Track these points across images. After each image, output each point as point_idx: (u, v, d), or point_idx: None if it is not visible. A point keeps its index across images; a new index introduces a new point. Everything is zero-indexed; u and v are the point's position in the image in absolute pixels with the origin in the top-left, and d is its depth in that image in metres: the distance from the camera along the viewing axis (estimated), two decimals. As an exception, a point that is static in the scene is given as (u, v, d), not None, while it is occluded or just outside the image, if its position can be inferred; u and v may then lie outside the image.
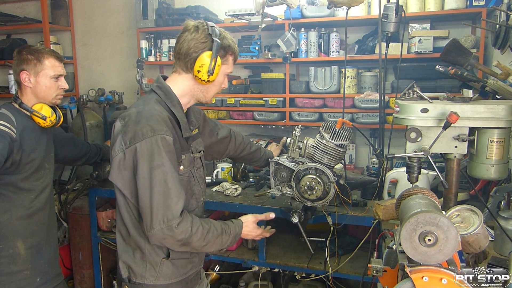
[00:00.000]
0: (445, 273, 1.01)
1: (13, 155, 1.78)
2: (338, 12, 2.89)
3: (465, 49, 2.13)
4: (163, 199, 1.33)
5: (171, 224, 1.33)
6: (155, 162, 1.32)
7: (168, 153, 1.34)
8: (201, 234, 1.40)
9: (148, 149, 1.32)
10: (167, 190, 1.33)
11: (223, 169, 2.99)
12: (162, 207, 1.32)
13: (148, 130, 1.32)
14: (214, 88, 1.53)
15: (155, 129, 1.33)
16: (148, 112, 1.37)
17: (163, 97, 1.46)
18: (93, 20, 3.87)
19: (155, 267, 1.48)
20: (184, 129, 1.47)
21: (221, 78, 1.52)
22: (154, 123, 1.34)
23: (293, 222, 2.10)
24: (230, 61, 1.53)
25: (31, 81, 1.89)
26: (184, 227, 1.36)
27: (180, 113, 1.47)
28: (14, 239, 1.88)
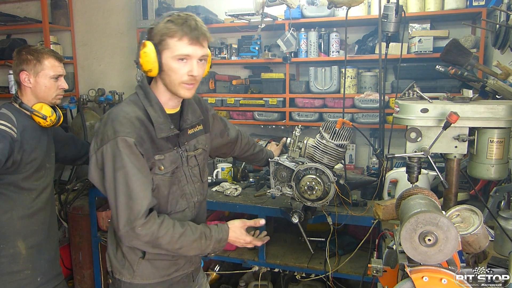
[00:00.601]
0: (445, 273, 1.01)
1: (14, 155, 1.78)
2: (338, 12, 2.89)
3: (465, 49, 2.13)
4: (126, 200, 1.32)
5: (134, 225, 1.31)
6: (117, 164, 1.32)
7: (130, 155, 1.32)
8: (171, 237, 1.37)
9: (110, 151, 1.33)
10: (129, 191, 1.32)
11: (223, 169, 2.99)
12: (125, 209, 1.32)
13: (111, 132, 1.33)
14: (171, 77, 1.38)
15: (117, 130, 1.32)
16: (115, 114, 1.37)
17: (141, 97, 1.43)
18: (93, 20, 3.87)
19: (132, 265, 1.48)
20: (158, 129, 1.41)
21: (172, 64, 1.36)
22: (117, 124, 1.34)
23: (293, 222, 2.10)
24: (171, 44, 1.34)
25: (30, 81, 1.89)
26: (149, 229, 1.33)
27: (156, 113, 1.42)
28: (15, 238, 1.88)
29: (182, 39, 1.34)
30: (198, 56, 1.38)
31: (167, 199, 1.49)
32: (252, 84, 3.27)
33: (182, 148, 1.52)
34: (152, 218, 1.35)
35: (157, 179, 1.44)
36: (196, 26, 1.36)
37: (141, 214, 1.32)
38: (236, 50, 3.24)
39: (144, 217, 1.33)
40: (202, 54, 1.39)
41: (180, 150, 1.52)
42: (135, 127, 1.36)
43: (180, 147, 1.52)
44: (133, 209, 1.32)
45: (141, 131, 1.37)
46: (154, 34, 1.36)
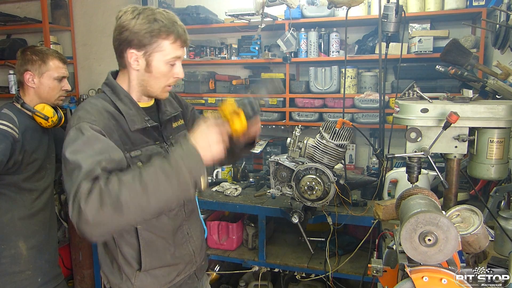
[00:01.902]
0: (445, 273, 1.01)
1: (15, 155, 1.78)
2: (338, 12, 2.89)
3: (465, 49, 2.13)
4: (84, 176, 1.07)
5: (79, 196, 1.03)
6: (77, 147, 1.14)
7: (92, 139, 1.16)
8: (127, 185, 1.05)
9: (72, 136, 1.18)
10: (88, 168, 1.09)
11: (223, 169, 2.99)
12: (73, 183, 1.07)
13: (75, 119, 1.21)
14: (157, 80, 1.31)
15: (81, 117, 1.20)
16: (81, 106, 1.27)
17: (109, 94, 1.33)
18: (93, 20, 3.87)
19: (130, 278, 1.36)
20: (130, 122, 1.29)
21: (161, 68, 1.29)
22: (82, 113, 1.22)
23: (293, 222, 2.11)
24: (165, 46, 1.27)
25: (34, 82, 1.89)
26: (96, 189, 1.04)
27: (126, 105, 1.31)
28: (16, 239, 1.89)
29: (176, 42, 1.28)
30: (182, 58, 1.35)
31: None
32: (252, 84, 3.27)
33: (167, 142, 1.42)
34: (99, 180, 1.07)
35: None
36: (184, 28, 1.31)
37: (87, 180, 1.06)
38: (236, 50, 3.24)
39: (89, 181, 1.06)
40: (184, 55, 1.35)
41: (166, 145, 1.41)
42: (103, 117, 1.23)
43: (166, 141, 1.42)
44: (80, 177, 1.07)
45: (110, 122, 1.24)
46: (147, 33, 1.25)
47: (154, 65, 1.29)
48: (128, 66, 1.32)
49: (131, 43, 1.28)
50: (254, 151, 3.09)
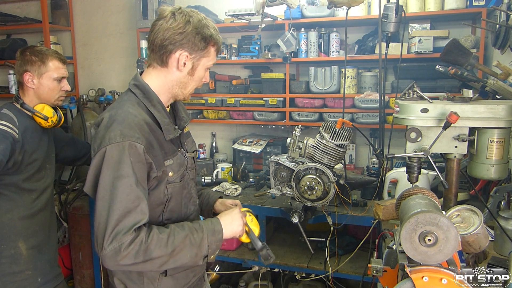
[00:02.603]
0: (445, 273, 1.01)
1: (15, 156, 1.78)
2: (338, 12, 2.89)
3: (465, 49, 2.13)
4: (122, 213, 1.14)
5: (123, 241, 1.13)
6: (120, 172, 1.16)
7: (136, 163, 1.18)
8: (158, 240, 1.17)
9: (114, 155, 1.16)
10: (128, 204, 1.15)
11: (223, 169, 2.99)
12: (116, 222, 1.14)
13: (117, 134, 1.17)
14: (194, 83, 1.37)
15: (125, 134, 1.18)
16: (121, 116, 1.22)
17: (141, 97, 1.31)
18: (93, 20, 3.87)
19: (153, 282, 1.35)
20: (166, 131, 1.31)
21: (201, 72, 1.35)
22: (125, 127, 1.19)
23: (293, 222, 2.10)
24: (212, 53, 1.34)
25: (34, 83, 1.89)
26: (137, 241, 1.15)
27: (160, 113, 1.32)
28: (16, 239, 1.89)
29: (218, 50, 1.37)
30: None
31: (181, 206, 1.39)
32: (252, 84, 3.27)
33: (184, 148, 1.43)
34: (141, 231, 1.17)
35: (171, 188, 1.33)
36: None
37: (132, 230, 1.15)
38: (236, 50, 3.24)
39: (134, 232, 1.15)
40: None
41: (184, 151, 1.42)
42: (145, 132, 1.22)
43: (183, 147, 1.43)
44: (128, 223, 1.14)
45: (150, 136, 1.24)
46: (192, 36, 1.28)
47: (198, 69, 1.34)
48: (171, 66, 1.32)
49: (184, 45, 1.29)
50: (254, 151, 3.09)
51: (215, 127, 3.54)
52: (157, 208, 1.33)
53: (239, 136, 3.40)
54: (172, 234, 1.21)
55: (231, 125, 3.54)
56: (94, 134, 1.27)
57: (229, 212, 1.38)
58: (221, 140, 3.57)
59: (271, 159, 2.14)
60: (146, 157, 1.21)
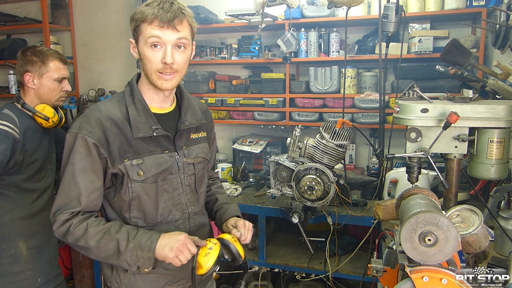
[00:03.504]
0: (445, 273, 1.01)
1: (16, 156, 1.78)
2: (338, 12, 2.89)
3: (465, 49, 2.13)
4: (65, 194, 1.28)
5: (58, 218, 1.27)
6: (70, 159, 1.29)
7: (85, 154, 1.27)
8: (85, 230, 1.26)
9: (68, 143, 1.30)
10: (70, 188, 1.28)
11: (223, 169, 2.99)
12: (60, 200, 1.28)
13: (76, 126, 1.29)
14: (146, 66, 1.29)
15: (81, 127, 1.27)
16: (89, 110, 1.32)
17: (127, 95, 1.35)
18: (93, 20, 3.87)
19: (119, 274, 1.39)
20: (135, 129, 1.29)
21: (144, 51, 1.26)
22: (83, 121, 1.28)
23: (293, 222, 2.11)
24: (143, 29, 1.25)
25: (34, 83, 1.89)
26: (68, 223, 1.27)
27: (136, 111, 1.32)
28: (16, 239, 1.89)
29: (153, 22, 1.22)
30: (172, 41, 1.25)
31: (156, 208, 1.37)
32: (252, 84, 3.27)
33: (179, 152, 1.39)
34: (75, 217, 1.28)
35: (136, 187, 1.32)
36: (170, 8, 1.22)
37: (71, 212, 1.27)
38: (236, 50, 3.25)
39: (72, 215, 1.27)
40: (177, 38, 1.25)
41: (176, 155, 1.38)
42: (102, 128, 1.27)
43: (177, 151, 1.39)
44: (62, 203, 1.28)
45: (109, 132, 1.27)
46: (131, 21, 1.29)
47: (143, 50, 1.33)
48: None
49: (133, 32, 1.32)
50: (254, 151, 3.10)
51: (215, 127, 3.50)
52: (123, 204, 1.36)
53: (239, 136, 3.40)
54: (103, 232, 1.27)
55: (231, 125, 3.54)
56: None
57: (171, 235, 1.28)
58: (221, 140, 3.57)
59: (271, 159, 2.14)
60: (100, 152, 1.27)
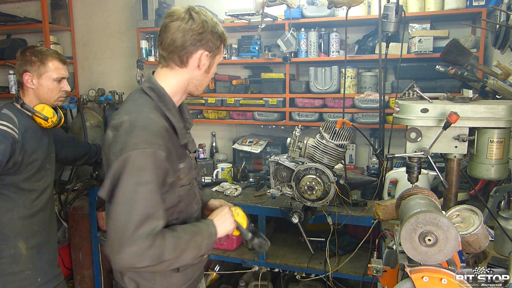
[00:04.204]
0: (445, 273, 1.01)
1: (15, 156, 1.78)
2: (338, 12, 2.89)
3: (465, 49, 2.13)
4: (142, 218, 1.15)
5: (141, 246, 1.14)
6: (143, 178, 1.16)
7: (158, 170, 1.19)
8: (173, 245, 1.21)
9: (138, 161, 1.16)
10: (148, 209, 1.17)
11: (223, 169, 2.99)
12: (137, 227, 1.14)
13: (141, 141, 1.17)
14: (208, 80, 1.41)
15: (149, 141, 1.18)
16: (142, 121, 1.21)
17: (156, 100, 1.30)
18: (93, 20, 3.87)
19: (165, 278, 1.39)
20: (181, 136, 1.32)
21: (214, 68, 1.40)
22: (148, 134, 1.19)
23: (293, 222, 2.11)
24: (222, 49, 1.39)
25: (33, 83, 1.89)
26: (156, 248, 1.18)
27: (176, 118, 1.32)
28: (16, 239, 1.89)
29: (224, 46, 1.39)
30: None
31: (187, 206, 1.42)
32: (252, 84, 3.27)
33: (188, 149, 1.43)
34: (158, 236, 1.18)
35: (182, 191, 1.35)
36: None
37: (152, 239, 1.16)
38: (236, 50, 3.24)
39: (152, 237, 1.16)
40: None
41: (189, 153, 1.43)
42: (165, 139, 1.23)
43: (188, 149, 1.42)
44: (149, 228, 1.16)
45: (169, 142, 1.25)
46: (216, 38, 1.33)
47: (213, 66, 1.38)
48: (192, 66, 1.33)
49: (204, 45, 1.31)
50: (254, 151, 3.10)
51: (215, 127, 3.54)
52: (168, 210, 1.32)
53: (239, 136, 3.40)
54: (179, 237, 1.23)
55: (231, 125, 3.54)
56: (112, 137, 1.23)
57: (220, 213, 1.42)
58: (221, 140, 3.57)
59: (271, 159, 2.14)
60: (166, 164, 1.22)
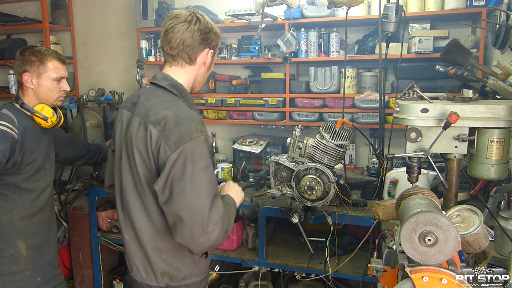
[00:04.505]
0: (445, 273, 1.01)
1: (15, 156, 1.78)
2: (338, 12, 2.89)
3: (465, 49, 2.13)
4: (214, 198, 1.30)
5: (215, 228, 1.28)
6: (204, 163, 1.30)
7: (210, 153, 1.36)
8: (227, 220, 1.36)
9: (197, 149, 1.28)
10: (212, 191, 1.31)
11: (223, 169, 2.99)
12: (210, 210, 1.27)
13: (194, 131, 1.30)
14: (207, 76, 1.57)
15: (200, 129, 1.32)
16: (187, 114, 1.35)
17: (179, 96, 1.43)
18: (93, 20, 3.87)
19: (196, 263, 1.50)
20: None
21: (213, 64, 1.56)
22: (197, 124, 1.33)
23: (293, 222, 2.10)
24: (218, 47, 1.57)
25: (33, 83, 1.89)
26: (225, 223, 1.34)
27: (196, 111, 1.49)
28: (15, 239, 1.89)
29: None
30: None
31: None
32: (252, 84, 3.27)
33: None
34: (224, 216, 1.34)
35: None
36: None
37: (221, 211, 1.32)
38: (236, 50, 3.24)
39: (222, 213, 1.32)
40: None
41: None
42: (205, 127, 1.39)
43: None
44: (218, 207, 1.31)
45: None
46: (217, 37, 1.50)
47: (212, 63, 1.54)
48: (199, 63, 1.48)
49: (211, 43, 1.47)
50: (254, 151, 3.10)
51: (215, 127, 3.54)
52: None
53: (239, 136, 3.40)
54: (225, 208, 1.37)
55: (231, 125, 3.54)
56: (160, 131, 1.31)
57: (229, 187, 1.57)
58: (221, 140, 3.57)
59: (271, 159, 2.14)
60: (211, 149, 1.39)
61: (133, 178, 1.42)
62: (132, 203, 1.44)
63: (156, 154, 1.32)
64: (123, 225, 1.51)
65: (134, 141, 1.38)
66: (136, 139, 1.37)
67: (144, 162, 1.37)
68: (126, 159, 1.44)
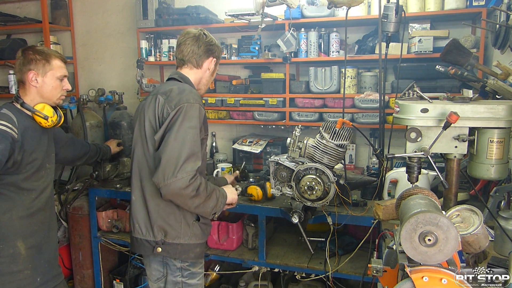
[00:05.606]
0: (445, 273, 1.01)
1: (15, 155, 1.78)
2: (338, 12, 2.89)
3: (465, 49, 2.13)
4: (189, 154, 1.60)
5: (188, 176, 1.58)
6: (192, 123, 1.63)
7: (200, 121, 1.68)
8: (205, 185, 1.69)
9: (190, 111, 1.64)
10: (193, 149, 1.62)
11: (223, 169, 2.99)
12: (185, 160, 1.58)
13: (191, 98, 1.68)
14: (211, 80, 1.97)
15: (196, 99, 1.70)
16: (188, 88, 1.76)
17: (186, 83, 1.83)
18: (93, 20, 3.87)
19: (189, 226, 1.79)
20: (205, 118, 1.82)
21: (215, 72, 1.99)
22: (195, 95, 1.72)
23: (293, 222, 2.10)
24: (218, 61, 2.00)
25: (38, 81, 1.90)
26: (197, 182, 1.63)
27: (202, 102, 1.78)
28: (15, 239, 1.89)
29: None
30: None
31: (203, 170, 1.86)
32: (252, 84, 3.27)
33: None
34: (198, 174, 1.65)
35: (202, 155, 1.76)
36: None
37: (195, 171, 1.61)
38: (236, 50, 3.24)
39: (196, 174, 1.62)
40: None
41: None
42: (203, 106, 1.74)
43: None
44: (194, 163, 1.61)
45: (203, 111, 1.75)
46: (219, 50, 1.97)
47: (215, 70, 1.98)
48: (204, 68, 1.91)
49: (214, 53, 1.92)
50: (254, 151, 3.10)
51: (215, 127, 3.54)
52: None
53: (239, 136, 3.40)
54: (207, 183, 1.71)
55: (231, 125, 3.54)
56: (165, 99, 1.71)
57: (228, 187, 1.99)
58: (221, 140, 3.57)
59: (271, 159, 2.14)
60: (201, 122, 1.70)
61: (142, 142, 1.78)
62: (140, 165, 1.79)
63: (161, 116, 1.70)
64: (133, 187, 1.85)
65: (146, 112, 1.76)
66: (148, 110, 1.75)
67: (151, 127, 1.73)
68: (138, 130, 1.81)
